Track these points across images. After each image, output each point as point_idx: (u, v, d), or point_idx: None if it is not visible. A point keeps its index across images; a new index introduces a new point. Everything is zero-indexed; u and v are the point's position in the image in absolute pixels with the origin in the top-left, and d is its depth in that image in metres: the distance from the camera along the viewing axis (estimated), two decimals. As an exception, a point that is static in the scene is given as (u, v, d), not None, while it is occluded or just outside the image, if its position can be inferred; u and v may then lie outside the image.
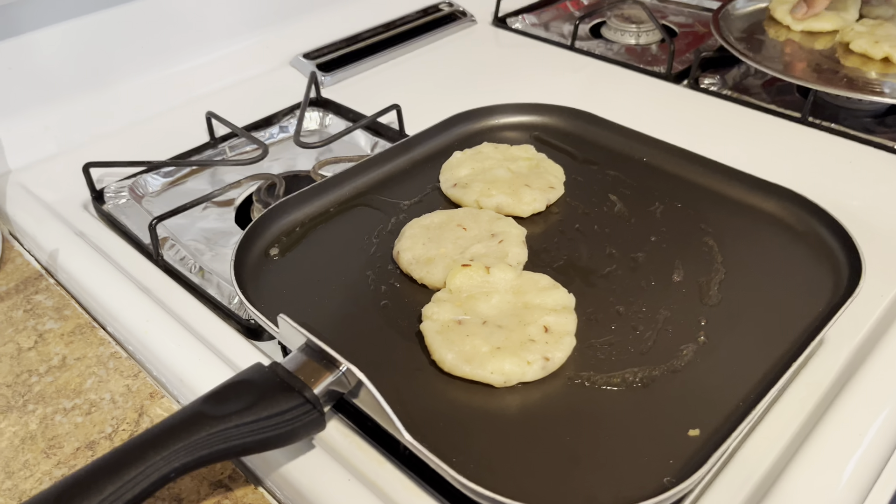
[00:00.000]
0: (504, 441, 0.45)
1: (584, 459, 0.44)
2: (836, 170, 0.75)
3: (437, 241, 0.59)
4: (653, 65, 0.98)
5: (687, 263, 0.58)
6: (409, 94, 0.89)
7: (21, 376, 0.59)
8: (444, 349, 0.49)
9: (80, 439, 0.54)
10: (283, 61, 0.99)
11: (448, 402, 0.48)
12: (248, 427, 0.40)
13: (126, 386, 0.57)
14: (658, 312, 0.54)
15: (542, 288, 0.54)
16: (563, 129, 0.75)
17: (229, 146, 0.83)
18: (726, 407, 0.47)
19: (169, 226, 0.70)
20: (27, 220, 0.72)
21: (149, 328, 0.59)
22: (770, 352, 0.50)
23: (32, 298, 0.66)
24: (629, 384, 0.49)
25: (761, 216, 0.63)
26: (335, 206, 0.66)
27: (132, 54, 0.86)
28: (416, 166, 0.71)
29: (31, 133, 0.81)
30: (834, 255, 0.58)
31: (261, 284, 0.58)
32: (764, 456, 0.49)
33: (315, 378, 0.44)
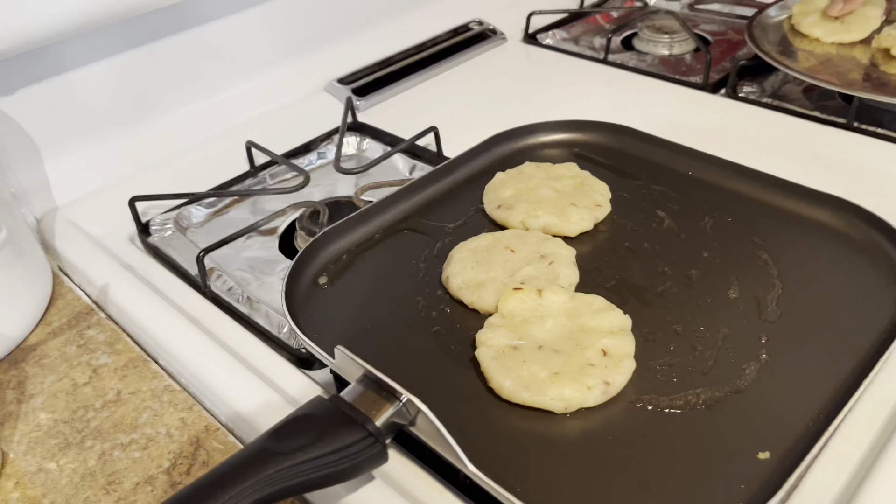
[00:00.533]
0: (568, 468, 0.45)
1: (653, 485, 0.43)
2: (887, 175, 0.74)
3: (486, 264, 0.58)
4: (688, 75, 0.96)
5: (742, 279, 0.57)
6: (444, 115, 0.89)
7: (77, 412, 0.59)
8: (502, 376, 0.49)
9: (138, 474, 0.54)
10: (318, 87, 1.00)
11: (508, 429, 0.47)
12: (314, 462, 0.40)
13: (181, 419, 0.58)
14: (717, 331, 0.53)
15: (597, 310, 0.53)
16: (605, 144, 0.74)
17: (269, 174, 0.84)
18: (796, 428, 0.45)
19: (214, 256, 0.71)
20: (76, 255, 0.73)
21: (201, 360, 0.60)
22: (836, 369, 0.49)
23: (85, 333, 0.67)
24: (693, 406, 0.48)
25: (815, 227, 0.61)
26: (380, 231, 0.66)
27: (171, 87, 0.87)
28: (458, 188, 0.71)
29: (76, 169, 0.82)
30: (895, 264, 0.56)
31: (311, 314, 0.58)
32: (836, 477, 0.47)
33: (376, 410, 0.44)
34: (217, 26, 0.89)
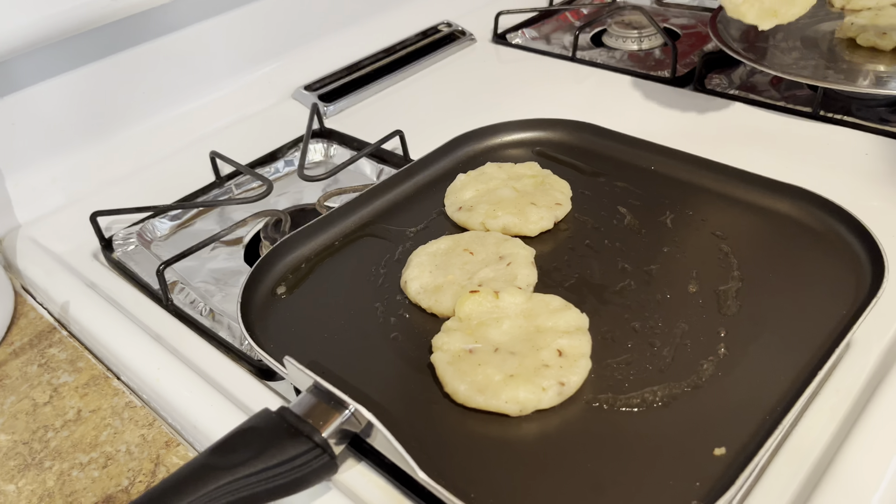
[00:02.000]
0: (523, 471, 0.44)
1: (608, 486, 0.42)
2: (853, 163, 0.73)
3: (445, 267, 0.58)
4: (657, 69, 0.96)
5: (702, 273, 0.57)
6: (412, 119, 0.88)
7: (37, 433, 0.58)
8: (457, 380, 0.48)
9: (97, 494, 0.53)
10: (284, 95, 0.99)
11: (464, 434, 0.47)
12: (257, 476, 0.39)
13: (142, 436, 0.57)
14: (675, 326, 0.52)
15: (554, 309, 0.53)
16: (568, 142, 0.74)
17: (235, 184, 0.83)
18: (752, 422, 0.45)
19: (178, 269, 0.70)
20: (38, 273, 0.73)
21: (161, 376, 0.59)
22: (795, 359, 0.48)
23: (46, 352, 0.66)
24: (649, 404, 0.47)
25: (776, 218, 0.61)
26: (340, 238, 0.66)
27: (133, 100, 0.87)
28: (420, 192, 0.70)
29: (38, 186, 0.81)
30: (855, 254, 0.56)
31: (269, 324, 0.57)
32: (796, 470, 0.47)
33: (324, 420, 0.43)
34: (180, 36, 0.89)
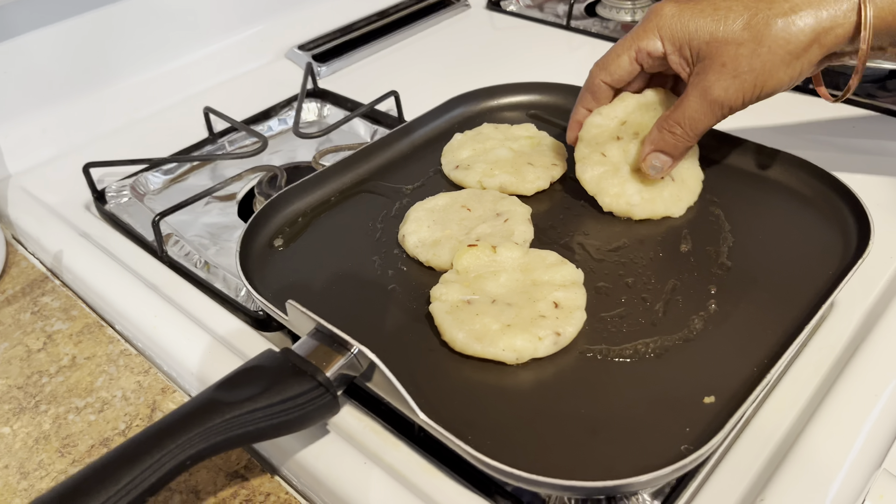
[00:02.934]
0: (519, 417, 0.45)
1: (601, 431, 0.44)
2: (841, 135, 0.75)
3: (443, 223, 0.59)
4: (650, 40, 0.97)
5: (695, 233, 0.58)
6: (406, 81, 0.88)
7: (32, 378, 0.58)
8: (455, 329, 0.49)
9: (94, 437, 0.53)
10: (278, 54, 0.98)
11: (461, 381, 0.48)
12: (262, 412, 0.40)
13: (137, 382, 0.57)
14: (667, 283, 0.53)
15: (550, 264, 0.54)
16: (563, 106, 0.74)
17: (228, 141, 0.83)
18: (740, 373, 0.46)
19: (172, 222, 0.70)
20: (30, 223, 0.72)
21: (157, 324, 0.59)
22: (782, 317, 0.50)
23: (39, 300, 0.66)
24: (642, 355, 0.48)
25: (767, 184, 0.62)
26: (337, 194, 0.66)
27: (126, 53, 0.86)
28: (416, 150, 0.71)
29: (29, 136, 0.80)
30: (842, 219, 0.57)
31: (267, 275, 0.58)
32: (781, 421, 0.49)
33: (327, 361, 0.44)
34: (173, -9, 0.88)
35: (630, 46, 0.52)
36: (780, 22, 0.45)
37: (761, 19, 0.46)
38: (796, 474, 0.44)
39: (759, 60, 0.47)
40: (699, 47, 0.49)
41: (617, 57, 0.53)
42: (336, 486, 0.46)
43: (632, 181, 0.59)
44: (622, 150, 0.59)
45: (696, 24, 0.48)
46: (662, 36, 0.50)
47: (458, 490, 0.45)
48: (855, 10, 0.44)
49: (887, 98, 0.81)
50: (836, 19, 0.45)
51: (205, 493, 0.49)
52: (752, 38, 0.46)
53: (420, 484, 0.46)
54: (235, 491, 0.49)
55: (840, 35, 0.45)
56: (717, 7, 0.48)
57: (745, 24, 0.46)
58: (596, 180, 0.59)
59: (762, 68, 0.47)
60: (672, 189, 0.59)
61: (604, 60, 0.54)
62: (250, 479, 0.49)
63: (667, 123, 0.53)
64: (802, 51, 0.46)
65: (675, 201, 0.59)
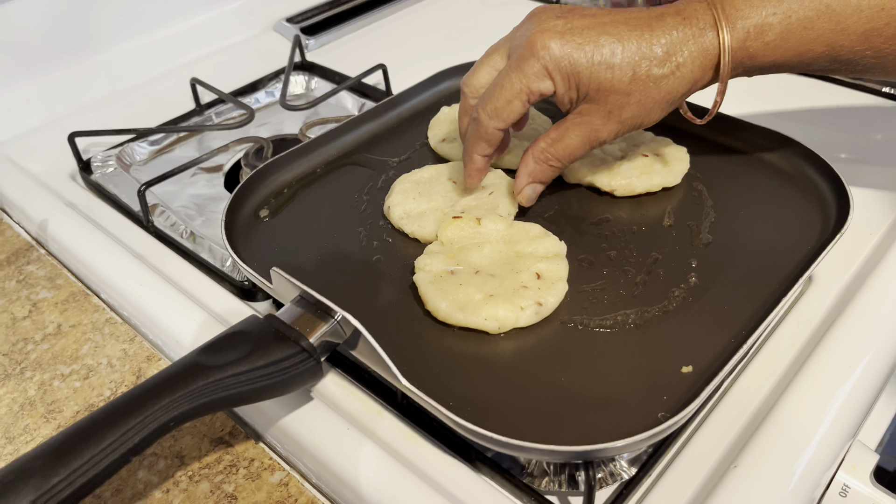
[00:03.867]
0: (500, 385, 0.46)
1: (580, 399, 0.44)
2: (824, 114, 0.75)
3: (428, 195, 0.59)
4: (639, 18, 0.97)
5: (677, 208, 0.58)
6: (394, 55, 0.88)
7: (17, 345, 0.59)
8: (438, 298, 0.49)
9: (79, 403, 0.54)
10: (266, 26, 0.98)
11: (443, 350, 0.48)
12: (245, 376, 0.40)
13: (123, 350, 0.58)
14: (649, 256, 0.54)
15: (534, 237, 0.54)
16: (550, 82, 0.75)
17: (215, 112, 0.83)
18: (718, 344, 0.47)
19: (158, 193, 0.70)
20: (14, 192, 0.72)
21: (143, 292, 0.59)
22: (760, 290, 0.51)
23: (24, 269, 0.66)
24: (622, 326, 0.49)
25: (749, 160, 0.63)
26: (322, 165, 0.66)
27: (113, 22, 0.85)
28: (403, 123, 0.71)
29: (13, 105, 0.80)
30: (822, 195, 0.58)
31: (252, 245, 0.58)
32: (756, 391, 0.50)
33: (311, 328, 0.45)
34: (159, -40, 0.87)
35: (521, 90, 0.51)
36: (663, 81, 0.49)
37: (646, 76, 0.49)
38: (770, 442, 0.45)
39: (642, 108, 0.51)
40: (587, 91, 0.50)
41: (508, 103, 0.52)
42: (319, 452, 0.47)
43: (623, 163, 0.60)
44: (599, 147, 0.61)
45: (586, 67, 0.49)
46: (553, 77, 0.51)
47: (439, 456, 0.46)
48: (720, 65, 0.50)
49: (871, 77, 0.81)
50: (707, 73, 0.50)
51: (189, 459, 0.49)
52: (638, 90, 0.50)
53: (402, 450, 0.47)
54: (220, 456, 0.49)
55: (709, 80, 0.51)
56: (600, 44, 0.49)
57: (631, 77, 0.49)
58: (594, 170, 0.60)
59: (642, 114, 0.51)
60: (661, 162, 0.60)
61: (494, 108, 0.52)
62: (234, 445, 0.50)
63: (545, 156, 0.54)
64: (679, 99, 0.51)
65: (668, 172, 0.60)
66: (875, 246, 0.60)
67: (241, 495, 0.47)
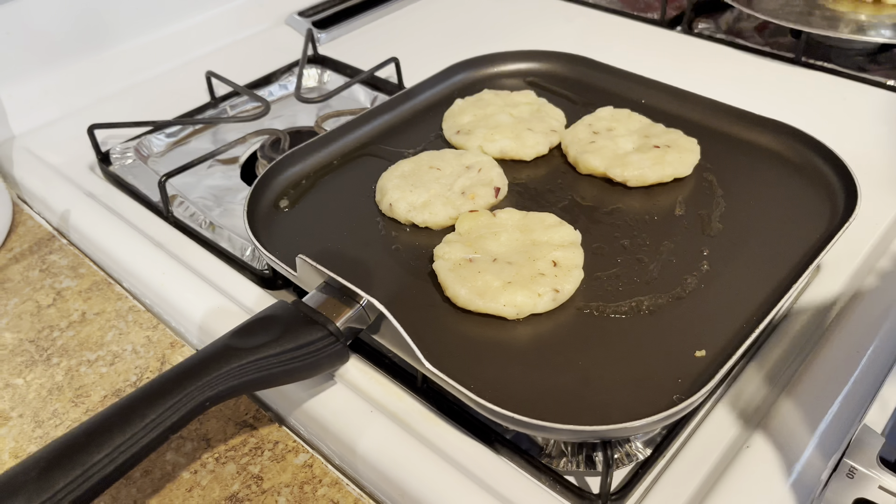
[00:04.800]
0: (519, 368, 0.47)
1: (597, 381, 0.46)
2: (830, 106, 0.77)
3: (422, 185, 0.60)
4: (646, 11, 0.98)
5: (688, 198, 0.60)
6: (405, 48, 0.89)
7: (43, 332, 0.60)
8: (458, 285, 0.51)
9: (106, 388, 0.55)
10: (278, 20, 0.99)
11: (463, 335, 0.50)
12: (276, 358, 0.42)
13: (147, 337, 0.59)
14: (661, 244, 0.55)
15: (549, 225, 0.55)
16: (562, 74, 0.76)
17: (230, 105, 0.84)
18: (730, 329, 0.49)
19: (176, 184, 0.71)
20: (35, 183, 0.73)
21: (165, 281, 0.61)
22: (771, 277, 0.52)
23: (47, 258, 0.67)
24: (636, 312, 0.50)
25: (759, 151, 0.64)
26: (339, 157, 0.67)
27: (129, 15, 0.86)
28: (417, 116, 0.72)
29: (32, 97, 0.81)
30: (830, 185, 0.59)
31: (273, 234, 0.59)
32: (768, 375, 0.51)
33: (337, 313, 0.46)
34: (174, -45, 0.88)
35: None
36: None
37: None
38: (781, 424, 0.47)
39: None
40: None
41: None
42: (342, 433, 0.48)
43: (635, 154, 0.61)
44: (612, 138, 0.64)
45: None
46: None
47: (459, 437, 0.48)
48: None
49: (877, 71, 0.83)
50: None
51: (216, 441, 0.51)
52: None
53: (423, 431, 0.48)
54: (245, 439, 0.51)
55: None
56: None
57: None
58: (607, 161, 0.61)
59: None
60: (673, 153, 0.61)
61: None
62: (259, 429, 0.52)
63: None
64: None
65: (680, 163, 0.61)
66: (882, 234, 0.61)
67: (267, 476, 0.48)
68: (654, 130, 0.65)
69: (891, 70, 0.83)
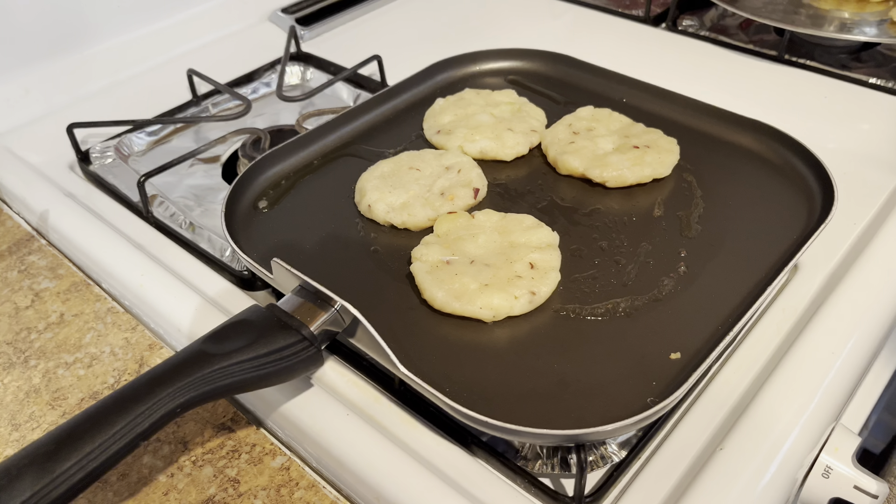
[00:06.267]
0: (495, 371, 0.47)
1: (572, 384, 0.46)
2: (812, 105, 0.77)
3: (401, 186, 0.60)
4: (632, 8, 0.98)
5: (667, 199, 0.60)
6: (389, 46, 0.89)
7: (20, 334, 0.60)
8: (435, 287, 0.51)
9: (83, 391, 0.55)
10: (261, 17, 0.98)
11: (440, 337, 0.50)
12: (249, 363, 0.42)
13: (125, 339, 0.59)
14: (639, 246, 0.55)
15: (527, 227, 0.55)
16: (544, 73, 0.76)
17: (212, 103, 0.84)
18: (706, 331, 0.49)
19: (157, 184, 0.71)
20: (15, 182, 0.73)
21: (144, 282, 0.60)
22: (747, 279, 0.52)
23: (26, 259, 0.67)
24: (613, 314, 0.51)
25: (738, 151, 0.64)
26: (319, 157, 0.67)
27: (109, 13, 0.86)
28: (398, 115, 0.72)
29: (11, 96, 0.80)
30: (808, 186, 0.59)
31: (252, 236, 0.59)
32: (743, 376, 0.51)
33: (311, 317, 0.46)
34: (155, -49, 0.87)
35: None
36: None
37: None
38: (755, 426, 0.47)
39: None
40: None
41: None
42: (319, 436, 0.48)
43: (614, 154, 0.61)
44: (592, 138, 0.63)
45: None
46: None
47: (436, 440, 0.48)
48: None
49: (859, 69, 0.83)
50: None
51: (193, 444, 0.51)
52: None
53: (400, 434, 0.48)
54: (222, 442, 0.51)
55: None
56: None
57: None
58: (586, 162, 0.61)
59: None
60: (652, 154, 0.61)
61: None
62: (236, 431, 0.51)
63: None
64: None
65: (659, 163, 0.61)
66: (859, 235, 0.61)
67: (244, 479, 0.48)
68: (634, 130, 0.65)
69: (873, 68, 0.83)
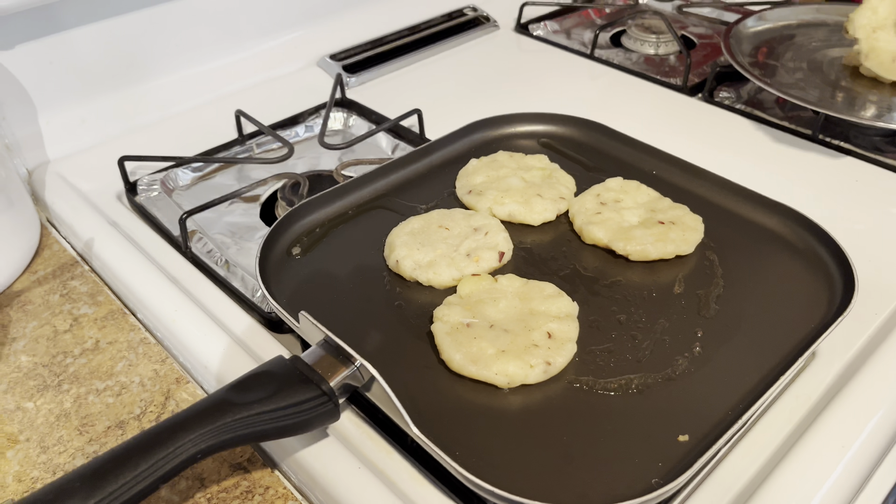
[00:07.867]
0: (505, 438, 0.49)
1: (579, 458, 0.47)
2: (843, 188, 0.77)
3: (430, 244, 0.62)
4: (670, 76, 1.00)
5: (688, 276, 0.61)
6: (430, 98, 0.92)
7: (57, 357, 0.63)
8: (453, 350, 0.52)
9: (110, 419, 0.57)
10: (310, 62, 1.02)
11: (454, 399, 0.51)
12: (269, 415, 0.43)
13: (154, 370, 0.61)
14: (657, 322, 0.56)
15: (548, 295, 0.57)
16: (577, 139, 0.78)
17: (256, 143, 0.87)
18: (716, 415, 0.49)
19: (197, 219, 0.74)
20: (64, 208, 0.76)
21: (177, 317, 0.63)
22: (762, 364, 0.53)
23: (68, 284, 0.70)
24: (625, 390, 0.52)
25: (763, 232, 0.65)
26: (354, 208, 0.70)
27: (165, 52, 0.90)
28: (433, 171, 0.74)
29: (69, 125, 0.85)
30: (830, 273, 0.60)
31: (283, 281, 0.61)
32: (751, 463, 0.52)
33: (332, 372, 0.48)
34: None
35: None
36: None
37: None
38: (759, 514, 0.47)
39: None
40: None
41: None
42: (330, 486, 0.50)
43: (639, 228, 0.63)
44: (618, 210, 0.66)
45: None
46: None
47: (443, 501, 0.49)
48: None
49: (893, 154, 0.83)
50: None
51: (209, 482, 0.52)
52: None
53: (408, 491, 0.49)
54: (237, 482, 0.53)
55: None
56: None
57: None
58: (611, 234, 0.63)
59: None
60: (676, 231, 0.63)
61: None
62: (252, 472, 0.53)
63: None
64: None
65: (682, 241, 0.62)
66: (880, 326, 0.62)
67: (255, 521, 0.50)
68: (660, 205, 0.66)
69: (907, 153, 0.84)
